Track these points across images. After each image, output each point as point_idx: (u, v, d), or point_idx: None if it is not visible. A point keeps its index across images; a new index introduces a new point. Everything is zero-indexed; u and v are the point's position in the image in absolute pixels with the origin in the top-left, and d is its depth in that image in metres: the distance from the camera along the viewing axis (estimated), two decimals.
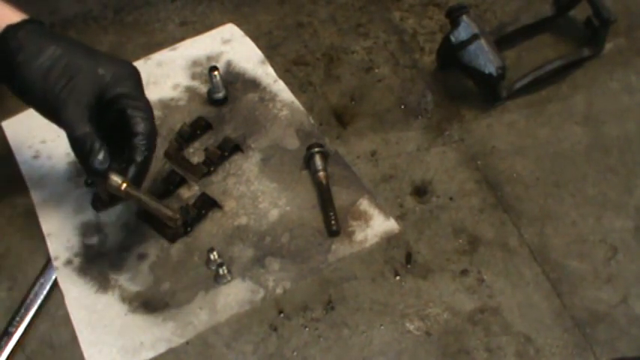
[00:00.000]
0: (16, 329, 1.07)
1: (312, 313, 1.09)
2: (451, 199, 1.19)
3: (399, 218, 1.17)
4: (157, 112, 1.27)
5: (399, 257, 1.14)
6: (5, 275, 1.13)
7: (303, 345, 1.07)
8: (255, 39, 1.40)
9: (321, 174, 1.19)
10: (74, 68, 0.99)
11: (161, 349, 1.06)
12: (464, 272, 1.12)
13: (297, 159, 1.23)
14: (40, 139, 1.27)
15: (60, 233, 1.16)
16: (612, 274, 1.12)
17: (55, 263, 1.13)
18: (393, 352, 1.06)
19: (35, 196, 1.20)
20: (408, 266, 1.13)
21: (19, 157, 1.25)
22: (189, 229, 1.15)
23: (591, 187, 1.20)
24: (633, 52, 1.37)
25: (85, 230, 1.17)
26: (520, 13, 1.43)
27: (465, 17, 1.27)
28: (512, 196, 1.19)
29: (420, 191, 1.21)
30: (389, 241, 1.15)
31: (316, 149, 1.20)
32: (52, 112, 1.00)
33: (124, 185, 0.99)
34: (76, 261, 1.13)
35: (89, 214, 1.18)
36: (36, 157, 1.25)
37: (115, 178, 0.98)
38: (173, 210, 1.03)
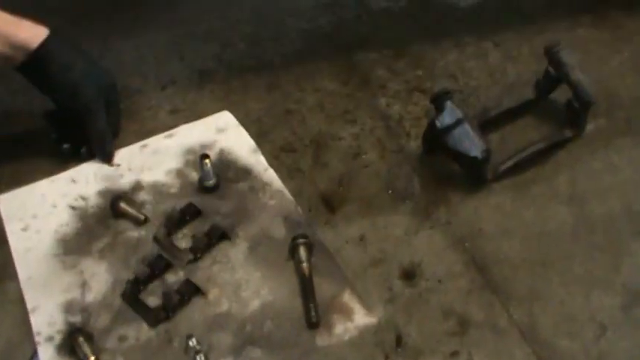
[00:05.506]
0: None
1: None
2: (440, 281, 1.20)
3: (388, 302, 1.17)
4: (148, 197, 1.31)
5: (389, 340, 1.13)
6: None
7: None
8: (245, 126, 1.43)
9: (304, 265, 1.19)
10: (96, 78, 1.35)
11: None
12: (454, 354, 1.12)
13: (283, 248, 1.23)
14: (32, 213, 1.29)
15: (44, 309, 1.16)
16: (602, 352, 1.12)
17: (37, 338, 1.12)
18: None
19: (21, 270, 1.21)
20: (399, 349, 1.12)
21: (8, 229, 1.27)
22: (170, 314, 1.16)
23: (578, 265, 1.21)
24: (613, 133, 1.40)
25: (69, 307, 1.17)
26: (503, 97, 1.47)
27: (449, 102, 1.30)
28: (500, 277, 1.20)
29: (409, 274, 1.21)
30: (378, 324, 1.15)
31: (301, 240, 1.21)
32: (79, 113, 1.34)
33: (92, 358, 1.10)
34: (58, 338, 1.13)
35: (74, 292, 1.18)
36: (24, 229, 1.27)
37: (86, 350, 1.10)
38: None
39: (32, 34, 1.29)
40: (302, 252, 1.20)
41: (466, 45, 1.62)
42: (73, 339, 1.11)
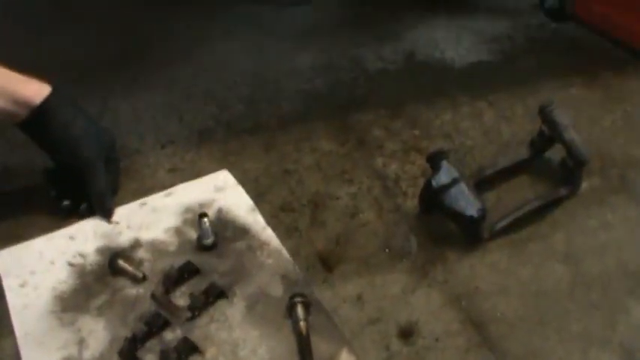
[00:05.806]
0: None
1: None
2: (437, 339, 1.20)
3: None
4: (147, 255, 1.31)
5: None
6: None
7: None
8: (243, 186, 1.44)
9: (302, 324, 1.18)
10: (96, 135, 1.37)
11: None
12: None
13: (280, 306, 1.23)
14: (30, 269, 1.30)
15: None
16: None
17: None
18: None
19: (18, 327, 1.21)
20: None
21: (5, 285, 1.27)
22: None
23: (575, 323, 1.21)
24: (607, 191, 1.42)
25: None
26: (498, 157, 1.49)
27: (445, 162, 1.31)
28: (497, 335, 1.20)
29: (406, 333, 1.21)
30: None
31: (298, 299, 1.21)
32: (79, 169, 1.37)
33: None
34: None
35: (71, 350, 1.18)
36: (22, 285, 1.27)
37: None
38: None
39: (35, 91, 1.31)
40: (299, 311, 1.20)
41: (461, 105, 1.65)
42: None
